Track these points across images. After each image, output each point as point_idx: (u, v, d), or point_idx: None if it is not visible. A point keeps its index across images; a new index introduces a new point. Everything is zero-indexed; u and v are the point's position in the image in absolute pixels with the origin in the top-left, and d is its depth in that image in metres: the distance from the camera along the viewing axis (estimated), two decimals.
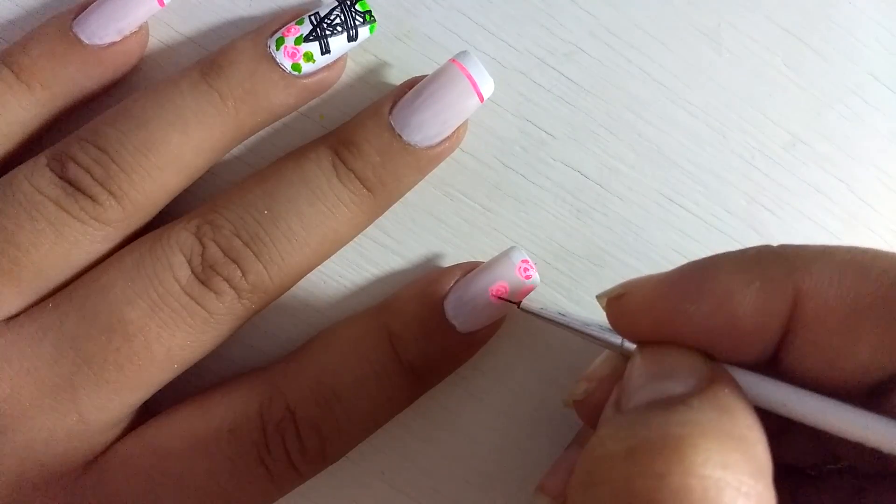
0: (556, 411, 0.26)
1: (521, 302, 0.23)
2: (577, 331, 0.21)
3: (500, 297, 0.23)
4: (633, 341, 0.19)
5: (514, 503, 0.26)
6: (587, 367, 0.22)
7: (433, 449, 0.25)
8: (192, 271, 0.21)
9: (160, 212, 0.23)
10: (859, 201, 0.26)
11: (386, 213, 0.25)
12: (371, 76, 0.25)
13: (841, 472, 0.19)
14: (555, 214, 0.26)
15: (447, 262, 0.26)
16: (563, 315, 0.21)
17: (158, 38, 0.25)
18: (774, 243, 0.25)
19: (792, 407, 0.17)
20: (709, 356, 0.17)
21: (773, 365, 0.18)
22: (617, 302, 0.19)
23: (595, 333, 0.20)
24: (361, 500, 0.25)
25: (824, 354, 0.17)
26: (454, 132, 0.23)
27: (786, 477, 0.15)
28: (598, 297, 0.20)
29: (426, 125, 0.23)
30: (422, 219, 0.25)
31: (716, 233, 0.26)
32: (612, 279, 0.26)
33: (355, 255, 0.25)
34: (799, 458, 0.19)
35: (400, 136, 0.23)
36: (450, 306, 0.23)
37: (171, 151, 0.22)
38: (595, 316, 0.26)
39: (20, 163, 0.22)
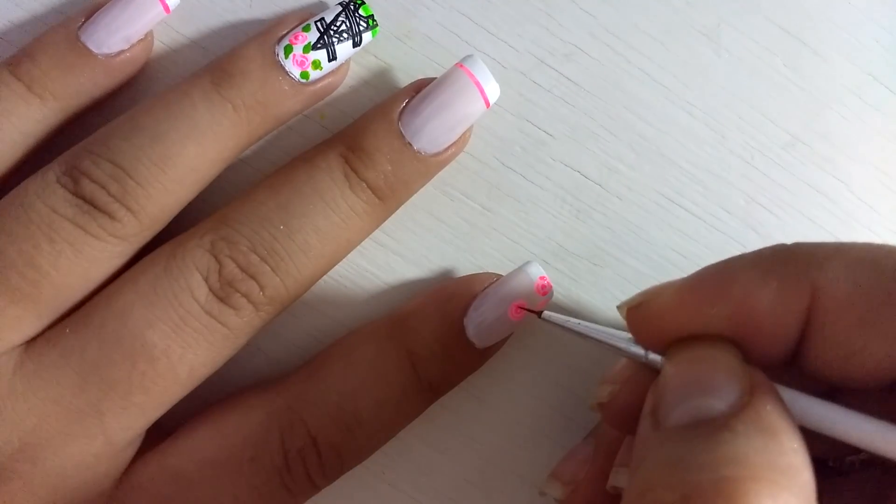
0: (556, 411, 0.26)
1: (542, 312, 0.22)
2: (600, 342, 0.20)
3: (520, 307, 0.23)
4: (656, 350, 0.19)
5: (514, 503, 0.26)
6: (604, 368, 0.21)
7: (433, 449, 0.26)
8: (210, 289, 0.21)
9: None
10: (858, 201, 0.26)
11: None
12: (371, 76, 0.25)
13: (865, 464, 0.19)
14: (555, 214, 0.26)
15: (448, 262, 0.26)
16: (586, 325, 0.21)
17: (159, 39, 0.25)
18: (774, 243, 0.25)
19: (817, 420, 0.17)
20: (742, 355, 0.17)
21: (790, 364, 0.18)
22: (637, 310, 0.19)
23: (620, 344, 0.20)
24: (361, 500, 0.25)
25: (842, 351, 0.17)
26: (460, 137, 0.23)
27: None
28: (619, 308, 0.20)
29: (435, 132, 0.23)
30: (422, 219, 0.25)
31: (715, 233, 0.26)
32: (612, 279, 0.26)
33: (356, 256, 0.25)
34: (820, 450, 0.19)
35: (410, 144, 0.23)
36: (470, 325, 0.23)
37: (188, 164, 0.22)
38: (605, 318, 0.26)
39: (28, 171, 0.22)
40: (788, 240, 0.26)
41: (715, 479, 0.14)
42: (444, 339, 0.23)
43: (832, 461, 0.20)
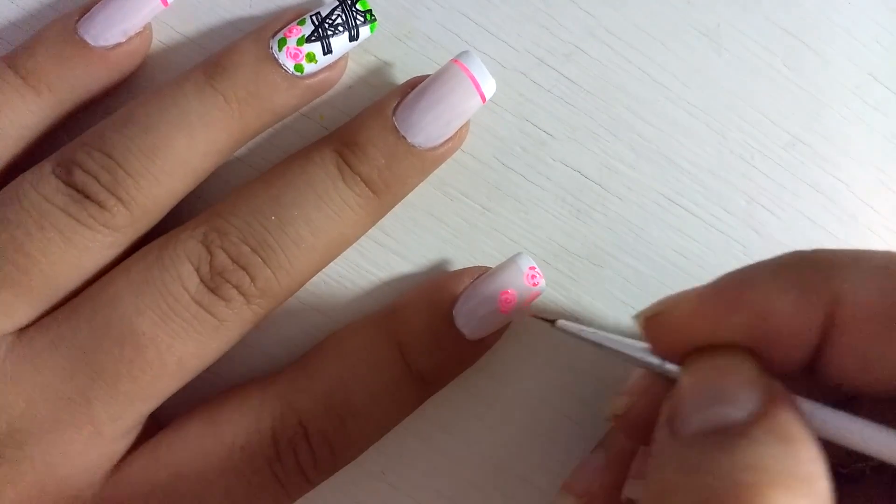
0: (556, 411, 0.26)
1: (556, 321, 0.22)
2: (616, 351, 0.20)
3: (535, 315, 0.23)
4: (671, 359, 0.19)
5: (514, 503, 0.26)
6: (605, 369, 0.21)
7: (433, 449, 0.25)
8: (201, 279, 0.21)
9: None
10: (859, 201, 0.26)
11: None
12: (371, 76, 0.25)
13: (876, 471, 0.19)
14: (555, 214, 0.26)
15: (448, 263, 0.26)
16: (601, 335, 0.21)
17: (159, 38, 0.25)
18: (774, 243, 0.25)
19: (834, 431, 0.16)
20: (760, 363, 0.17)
21: (807, 371, 0.18)
22: (654, 320, 0.19)
23: (636, 354, 0.20)
24: (361, 500, 0.25)
25: (861, 360, 0.17)
26: (457, 132, 0.23)
27: None
28: (636, 317, 0.20)
29: (430, 127, 0.23)
30: (422, 219, 0.25)
31: (715, 233, 0.26)
32: (612, 279, 0.26)
33: (355, 256, 0.25)
34: (831, 457, 0.19)
35: (404, 138, 0.23)
36: (459, 315, 0.23)
37: (178, 155, 0.22)
38: (606, 318, 0.26)
39: (26, 165, 0.22)
40: (788, 240, 0.26)
41: (733, 485, 0.14)
42: (433, 330, 0.23)
43: (843, 468, 0.19)
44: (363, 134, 0.23)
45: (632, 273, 0.26)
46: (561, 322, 0.22)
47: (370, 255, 0.25)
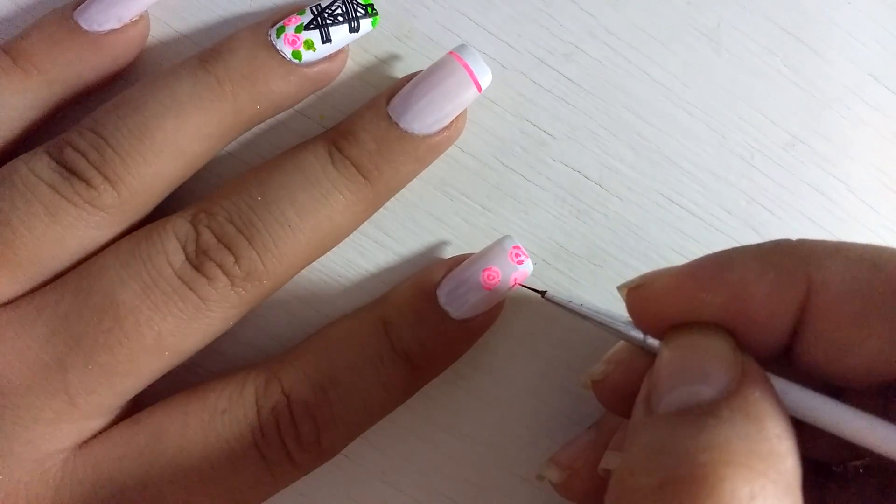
0: (557, 411, 0.26)
1: (545, 291, 0.23)
2: (600, 323, 0.21)
3: (523, 285, 0.23)
4: (652, 333, 0.19)
5: (514, 502, 0.26)
6: (601, 356, 0.22)
7: (433, 449, 0.26)
8: (186, 257, 0.21)
9: (163, 211, 0.23)
10: (859, 201, 0.26)
11: (386, 213, 0.25)
12: (371, 76, 0.25)
13: (868, 470, 0.19)
14: (555, 214, 0.26)
15: None
16: (587, 307, 0.21)
17: (159, 38, 0.25)
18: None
19: (803, 411, 0.17)
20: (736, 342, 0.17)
21: (785, 358, 0.18)
22: (636, 291, 0.19)
23: (619, 327, 0.20)
24: (361, 500, 0.25)
25: (834, 348, 0.17)
26: (452, 123, 0.23)
27: (813, 474, 0.15)
28: (619, 288, 0.20)
29: (423, 113, 0.23)
30: (422, 219, 0.25)
31: (715, 233, 0.26)
32: (612, 279, 0.26)
33: (355, 255, 0.25)
34: (823, 454, 0.19)
35: (397, 124, 0.23)
36: (442, 293, 0.23)
37: (167, 136, 0.22)
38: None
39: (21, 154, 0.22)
40: None
41: (692, 465, 0.14)
42: (416, 306, 0.23)
43: (836, 466, 0.20)
44: (356, 122, 0.23)
45: (632, 273, 0.26)
46: (550, 294, 0.22)
47: (370, 254, 0.25)
